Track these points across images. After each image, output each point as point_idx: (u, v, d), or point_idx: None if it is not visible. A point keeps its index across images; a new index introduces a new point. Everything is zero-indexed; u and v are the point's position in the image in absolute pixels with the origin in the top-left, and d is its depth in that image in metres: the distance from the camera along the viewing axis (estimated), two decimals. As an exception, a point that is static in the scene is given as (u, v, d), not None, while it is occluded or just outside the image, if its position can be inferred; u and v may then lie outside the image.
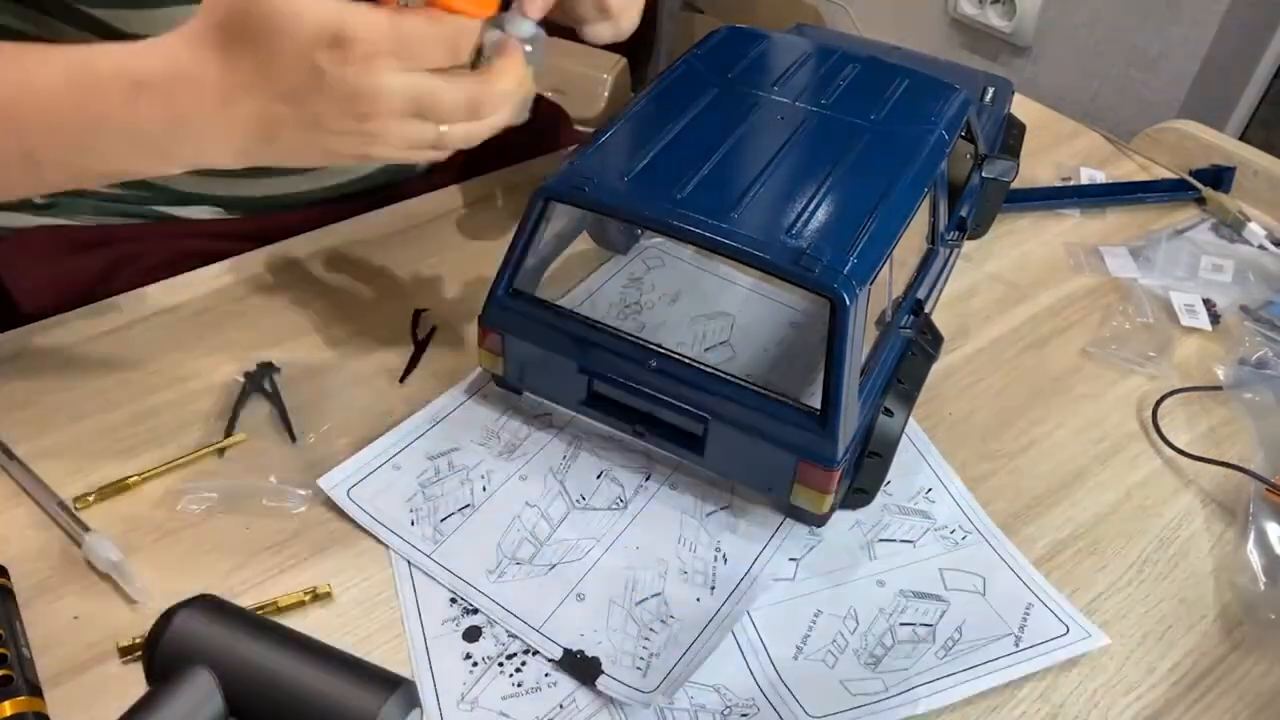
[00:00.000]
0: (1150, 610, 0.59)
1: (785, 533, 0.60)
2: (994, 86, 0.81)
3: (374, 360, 0.69)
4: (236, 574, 0.56)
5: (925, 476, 0.64)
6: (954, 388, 0.71)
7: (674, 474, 0.63)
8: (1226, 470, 0.66)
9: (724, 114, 0.63)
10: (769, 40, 0.72)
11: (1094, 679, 0.55)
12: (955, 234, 0.71)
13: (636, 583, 0.57)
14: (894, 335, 0.62)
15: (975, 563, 0.60)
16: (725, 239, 0.54)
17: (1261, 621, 0.58)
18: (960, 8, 1.49)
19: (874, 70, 0.69)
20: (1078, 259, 0.83)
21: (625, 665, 0.53)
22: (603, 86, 1.88)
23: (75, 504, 0.58)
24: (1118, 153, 0.96)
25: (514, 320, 0.61)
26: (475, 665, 0.53)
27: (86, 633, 0.53)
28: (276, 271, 0.75)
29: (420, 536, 0.58)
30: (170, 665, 0.48)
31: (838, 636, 0.56)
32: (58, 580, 0.55)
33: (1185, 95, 1.33)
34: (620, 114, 0.63)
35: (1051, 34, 1.42)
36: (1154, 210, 0.90)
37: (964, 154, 0.74)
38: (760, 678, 0.53)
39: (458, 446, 0.63)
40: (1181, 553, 0.62)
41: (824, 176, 0.59)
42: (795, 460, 0.55)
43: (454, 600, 0.56)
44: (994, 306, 0.78)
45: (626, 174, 0.58)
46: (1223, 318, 0.78)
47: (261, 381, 0.66)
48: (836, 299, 0.52)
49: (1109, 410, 0.71)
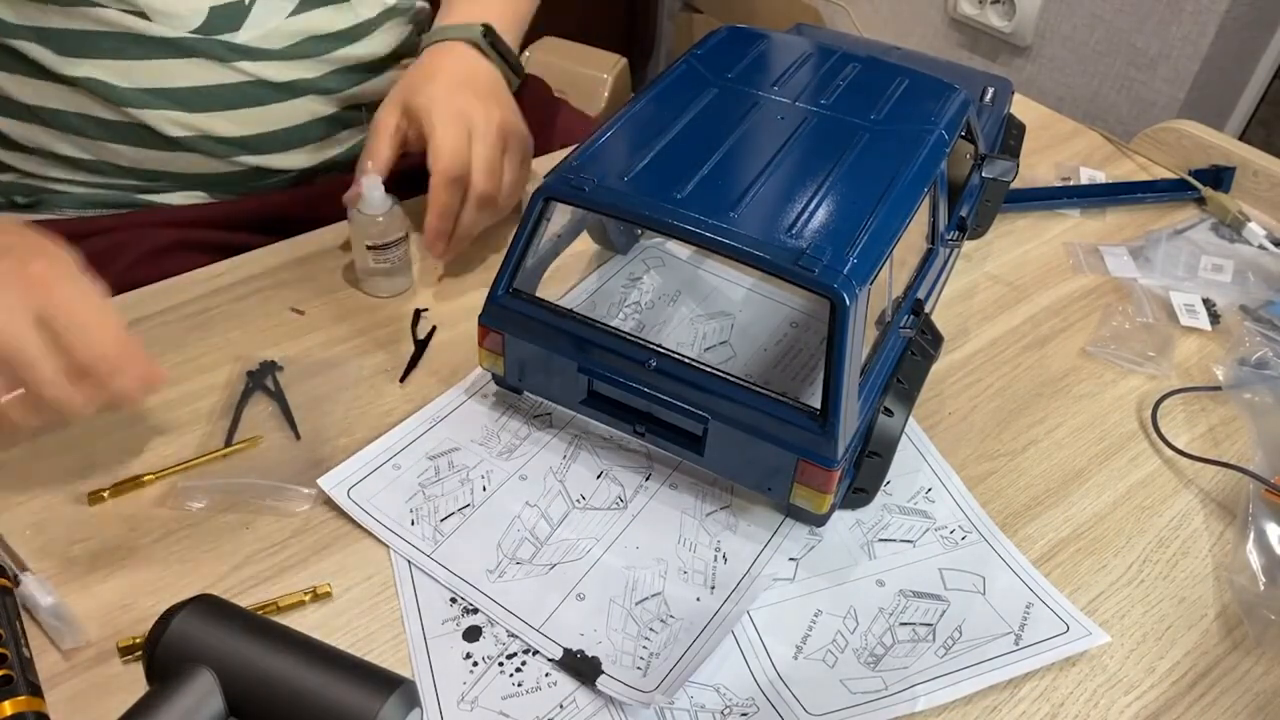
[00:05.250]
0: (1150, 610, 0.59)
1: (785, 533, 0.60)
2: (994, 86, 0.81)
3: (374, 360, 0.69)
4: (236, 574, 0.56)
5: (925, 476, 0.64)
6: (954, 388, 0.71)
7: (674, 474, 0.63)
8: (1226, 470, 0.66)
9: (724, 114, 0.63)
10: (769, 40, 0.72)
11: (1094, 678, 0.55)
12: (955, 234, 0.71)
13: (636, 582, 0.57)
14: (894, 335, 0.62)
15: (975, 562, 0.60)
16: (725, 239, 0.54)
17: (1261, 621, 0.58)
18: (960, 8, 1.49)
19: (874, 70, 0.69)
20: (1077, 259, 0.83)
21: (625, 665, 0.53)
22: (603, 86, 1.89)
23: (89, 499, 0.59)
24: (1118, 153, 0.96)
25: (514, 320, 0.61)
26: (475, 665, 0.53)
27: (86, 632, 0.53)
28: (276, 271, 0.75)
29: (420, 536, 0.58)
30: (170, 665, 0.48)
31: (838, 636, 0.56)
32: (58, 580, 0.55)
33: (1185, 95, 1.33)
34: (620, 113, 0.63)
35: (1051, 34, 1.42)
36: (1154, 210, 0.90)
37: (964, 154, 0.74)
38: (760, 677, 0.53)
39: (458, 446, 0.64)
40: (1181, 552, 0.62)
41: (824, 176, 0.59)
42: (795, 460, 0.55)
43: (454, 600, 0.56)
44: (994, 306, 0.78)
45: (626, 174, 0.58)
46: (1222, 318, 0.79)
47: (264, 379, 0.66)
48: (836, 299, 0.52)
49: (1109, 410, 0.71)
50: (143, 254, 0.75)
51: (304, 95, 0.79)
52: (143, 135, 0.75)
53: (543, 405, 0.66)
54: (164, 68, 0.73)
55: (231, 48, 0.74)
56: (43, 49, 0.71)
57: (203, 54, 0.73)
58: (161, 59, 0.72)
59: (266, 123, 0.78)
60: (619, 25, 2.11)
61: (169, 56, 0.72)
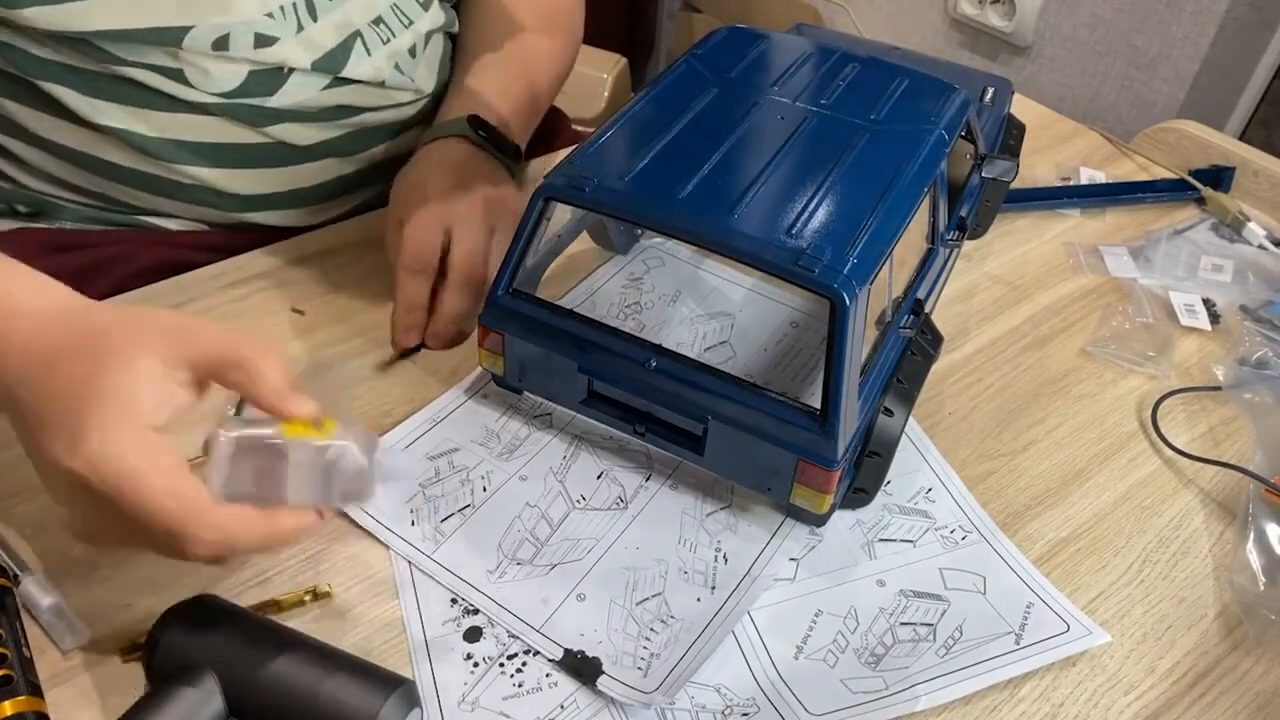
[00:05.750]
0: (1150, 610, 0.59)
1: (785, 533, 0.60)
2: (994, 86, 0.81)
3: (374, 360, 0.69)
4: (236, 574, 0.56)
5: (925, 476, 0.64)
6: (954, 387, 0.71)
7: (674, 474, 0.63)
8: (1226, 470, 0.66)
9: (724, 114, 0.63)
10: (769, 40, 0.72)
11: (1094, 678, 0.55)
12: (955, 234, 0.71)
13: (637, 583, 0.57)
14: (894, 335, 0.62)
15: (975, 562, 0.60)
16: (725, 239, 0.54)
17: (1261, 621, 0.58)
18: (960, 8, 1.49)
19: (874, 70, 0.69)
20: (1077, 259, 0.83)
21: (626, 665, 0.53)
22: (603, 86, 1.88)
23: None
24: (1117, 153, 0.97)
25: (514, 320, 0.61)
26: (476, 666, 0.53)
27: (86, 632, 0.53)
28: (276, 271, 0.75)
29: (420, 537, 0.58)
30: (170, 665, 0.48)
31: (838, 636, 0.56)
32: (57, 580, 0.55)
33: (1185, 95, 1.33)
34: (620, 113, 0.63)
35: (1051, 34, 1.42)
36: (1154, 210, 0.90)
37: (964, 154, 0.74)
38: (761, 677, 0.53)
39: (458, 447, 0.63)
40: (1181, 552, 0.62)
41: (824, 176, 0.59)
42: (795, 460, 0.55)
43: (454, 600, 0.56)
44: (994, 306, 0.78)
45: (626, 174, 0.58)
46: (1222, 318, 0.79)
47: (262, 381, 0.66)
48: (836, 299, 0.52)
49: (1109, 410, 0.71)
50: (140, 268, 0.75)
51: (326, 158, 0.79)
52: (159, 183, 0.75)
53: (543, 405, 0.66)
54: (193, 123, 0.72)
55: (263, 112, 0.73)
56: (71, 92, 0.69)
57: (232, 116, 0.72)
58: (191, 114, 0.71)
59: (288, 182, 0.78)
60: (619, 25, 2.11)
61: (199, 114, 0.72)
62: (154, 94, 0.70)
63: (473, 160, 0.74)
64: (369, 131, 0.80)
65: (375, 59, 0.76)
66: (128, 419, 0.44)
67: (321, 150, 0.78)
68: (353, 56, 0.74)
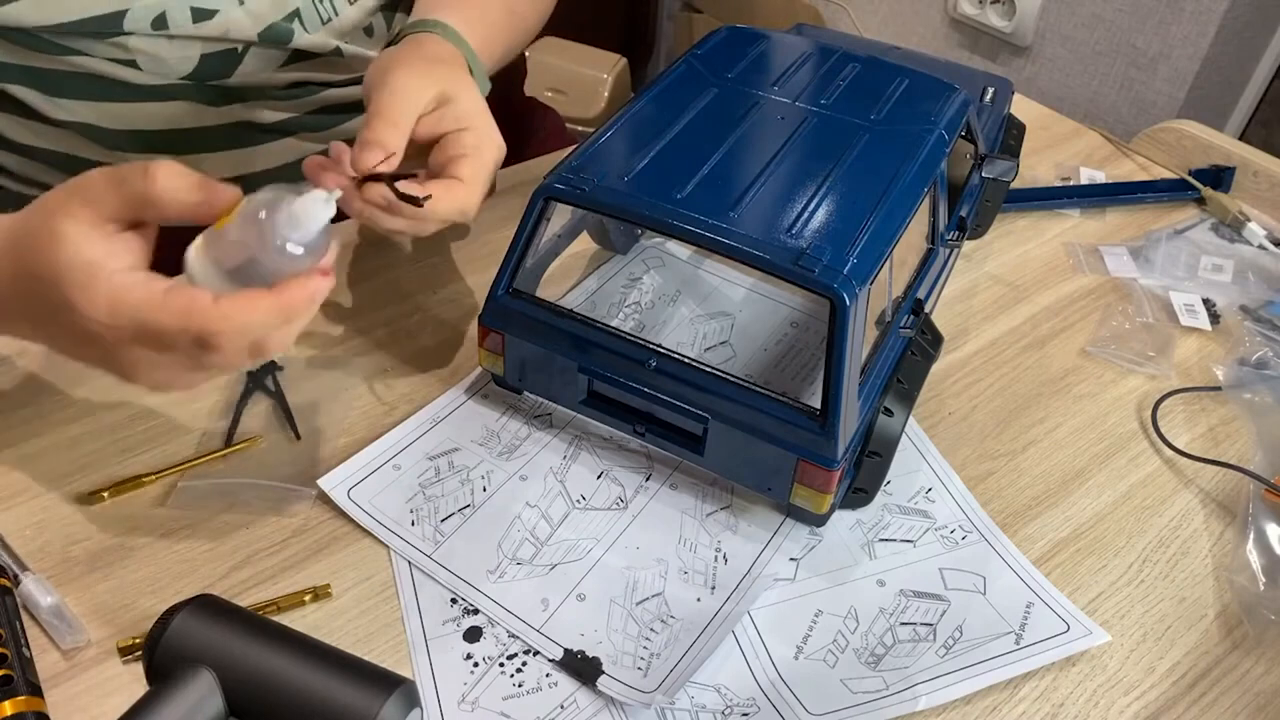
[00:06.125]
0: (1150, 610, 0.59)
1: (785, 533, 0.60)
2: (994, 86, 0.81)
3: (374, 360, 0.69)
4: (236, 574, 0.56)
5: (925, 476, 0.64)
6: (954, 387, 0.71)
7: (674, 474, 0.63)
8: (1226, 470, 0.66)
9: (724, 114, 0.63)
10: (769, 40, 0.72)
11: (1094, 678, 0.55)
12: (955, 234, 0.71)
13: (637, 583, 0.57)
14: (894, 335, 0.62)
15: (975, 562, 0.60)
16: (725, 239, 0.54)
17: (1261, 621, 0.58)
18: (960, 8, 1.49)
19: (874, 70, 0.69)
20: (1077, 259, 0.83)
21: (626, 665, 0.53)
22: (603, 86, 1.89)
23: (88, 499, 0.59)
24: (1117, 153, 0.97)
25: (514, 320, 0.61)
26: (476, 665, 0.53)
27: (86, 632, 0.53)
28: (276, 271, 0.75)
29: (420, 536, 0.58)
30: (170, 665, 0.48)
31: (838, 636, 0.56)
32: (57, 580, 0.55)
33: (1185, 95, 1.33)
34: (620, 114, 0.63)
35: (1051, 34, 1.42)
36: (1154, 210, 0.90)
37: (964, 154, 0.74)
38: (761, 677, 0.53)
39: (458, 446, 0.64)
40: (1181, 552, 0.62)
41: (824, 176, 0.59)
42: (795, 460, 0.56)
43: (454, 600, 0.56)
44: (994, 306, 0.78)
45: (626, 174, 0.58)
46: (1222, 318, 0.79)
47: (264, 379, 0.66)
48: (836, 299, 0.52)
49: (1109, 410, 0.71)
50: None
51: (292, 135, 0.79)
52: None
53: (543, 405, 0.66)
54: (154, 111, 0.72)
55: (222, 92, 0.73)
56: (31, 91, 0.70)
57: (192, 99, 0.72)
58: (151, 102, 0.71)
59: (254, 163, 0.78)
60: (619, 25, 2.11)
61: (159, 100, 0.71)
62: (111, 85, 0.70)
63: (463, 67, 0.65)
64: (332, 109, 0.80)
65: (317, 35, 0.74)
66: (93, 275, 0.46)
67: (290, 127, 0.78)
68: (296, 28, 0.73)
